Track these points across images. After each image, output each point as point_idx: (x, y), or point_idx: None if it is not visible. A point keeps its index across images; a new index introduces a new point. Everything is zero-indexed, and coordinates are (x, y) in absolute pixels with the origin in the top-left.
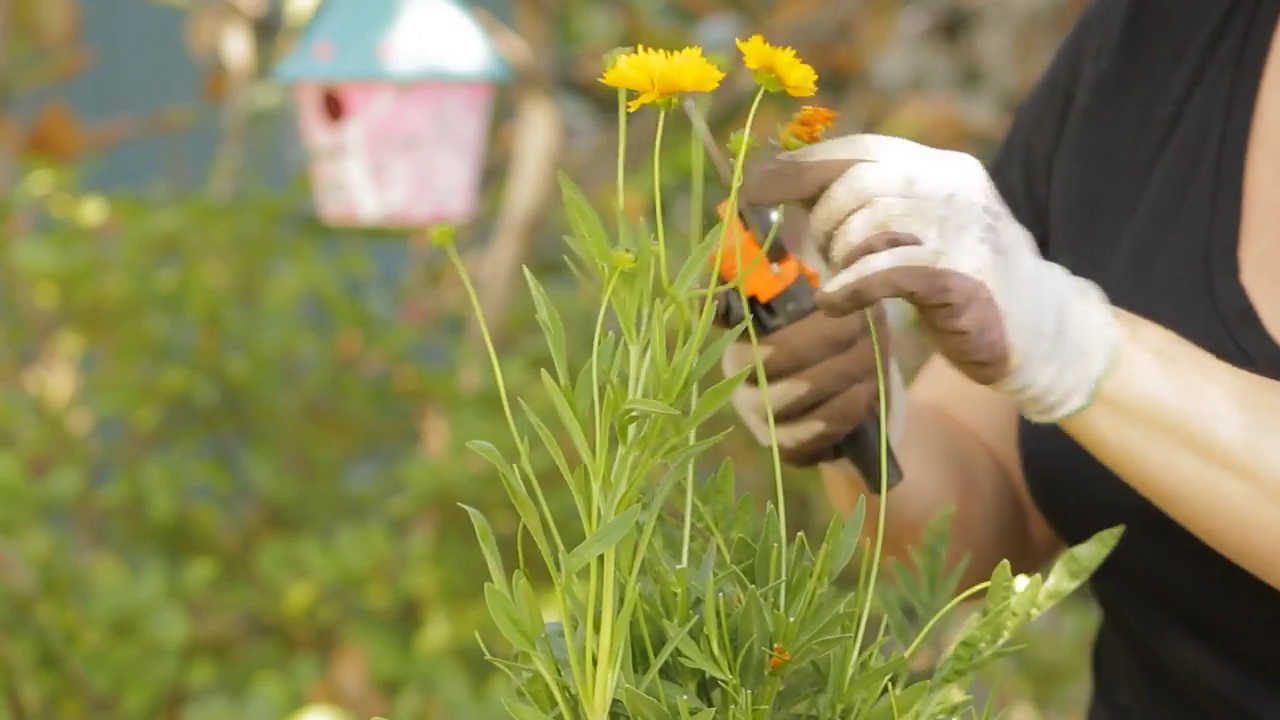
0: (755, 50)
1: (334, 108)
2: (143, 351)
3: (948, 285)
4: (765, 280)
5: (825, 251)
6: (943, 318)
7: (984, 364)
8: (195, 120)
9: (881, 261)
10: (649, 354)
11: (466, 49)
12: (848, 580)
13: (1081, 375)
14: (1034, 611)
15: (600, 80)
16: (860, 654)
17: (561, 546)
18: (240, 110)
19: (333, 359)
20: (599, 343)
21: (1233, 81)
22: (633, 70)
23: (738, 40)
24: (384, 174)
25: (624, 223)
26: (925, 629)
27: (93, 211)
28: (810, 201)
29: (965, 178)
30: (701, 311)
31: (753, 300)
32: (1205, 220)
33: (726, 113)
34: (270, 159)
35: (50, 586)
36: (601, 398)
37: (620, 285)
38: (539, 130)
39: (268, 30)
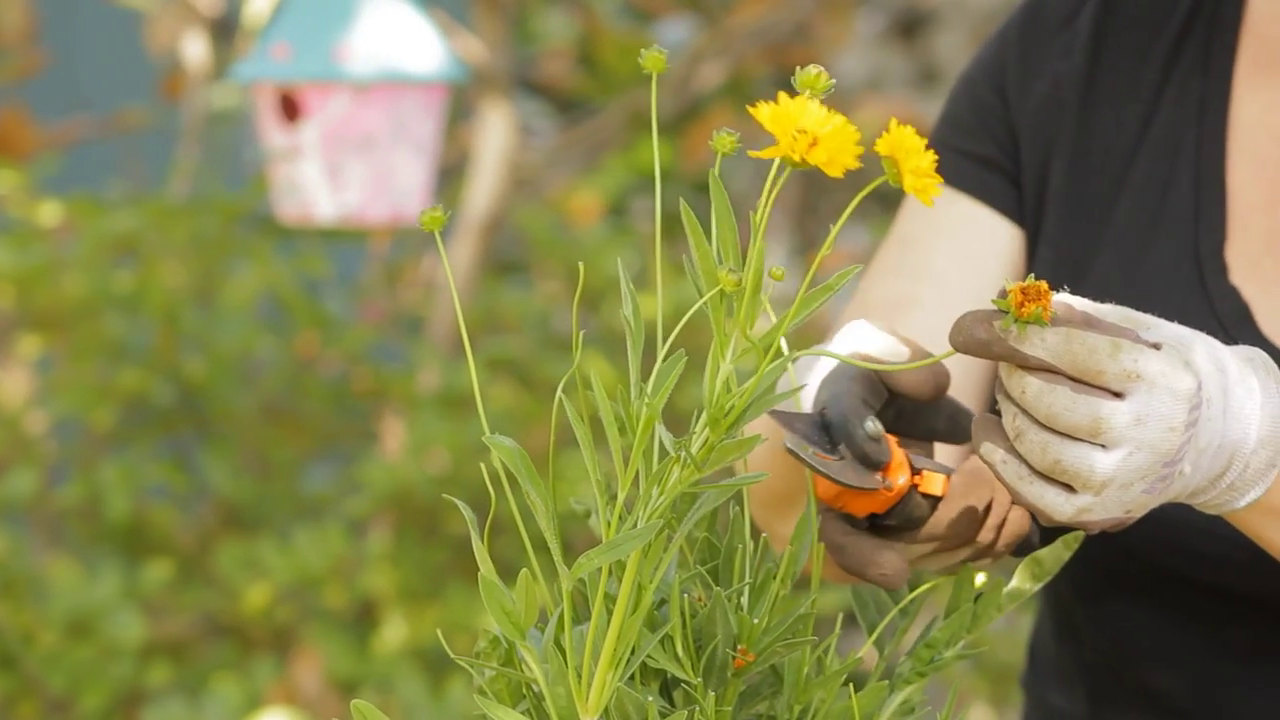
0: (891, 138)
1: (290, 109)
2: (100, 352)
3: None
4: (878, 500)
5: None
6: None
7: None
8: (153, 121)
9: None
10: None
11: (423, 50)
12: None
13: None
14: (995, 614)
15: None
16: (815, 654)
17: (556, 550)
18: (198, 111)
19: (290, 359)
20: (663, 358)
21: (1202, 84)
22: (775, 122)
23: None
24: (340, 175)
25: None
26: (880, 627)
27: (50, 212)
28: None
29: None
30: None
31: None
32: (1190, 221)
33: (684, 112)
34: (228, 159)
35: (7, 587)
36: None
37: (718, 305)
38: (496, 130)
39: (226, 31)
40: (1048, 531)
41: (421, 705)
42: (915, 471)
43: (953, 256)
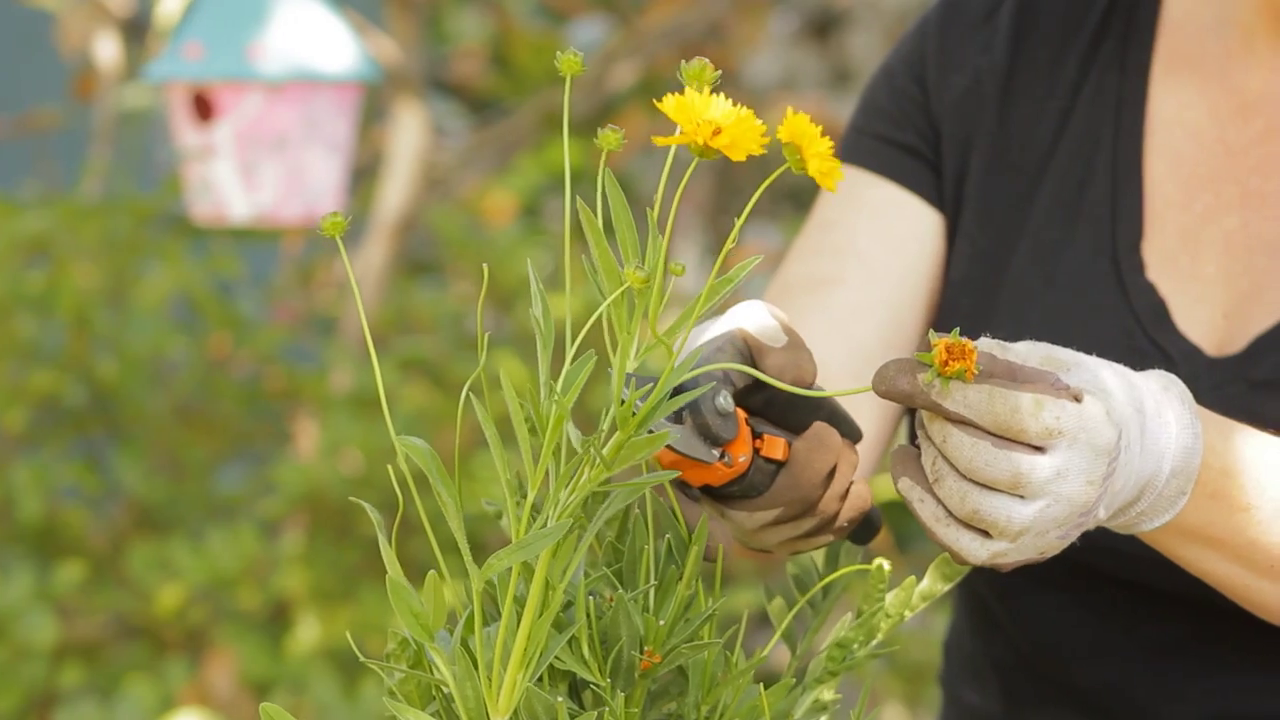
0: (790, 125)
1: (204, 108)
2: (12, 352)
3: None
4: (714, 474)
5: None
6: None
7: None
8: (65, 121)
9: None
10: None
11: (337, 50)
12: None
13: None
14: (907, 613)
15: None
16: (722, 653)
17: (467, 550)
18: (110, 111)
19: (203, 360)
20: (571, 358)
21: (1119, 82)
22: (678, 112)
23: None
24: (253, 174)
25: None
26: (785, 623)
27: None
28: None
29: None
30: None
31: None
32: (1107, 218)
33: (597, 112)
34: (140, 160)
35: None
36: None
37: (620, 304)
38: (409, 130)
39: (137, 31)
40: None
41: (335, 706)
42: (756, 436)
43: (875, 236)
